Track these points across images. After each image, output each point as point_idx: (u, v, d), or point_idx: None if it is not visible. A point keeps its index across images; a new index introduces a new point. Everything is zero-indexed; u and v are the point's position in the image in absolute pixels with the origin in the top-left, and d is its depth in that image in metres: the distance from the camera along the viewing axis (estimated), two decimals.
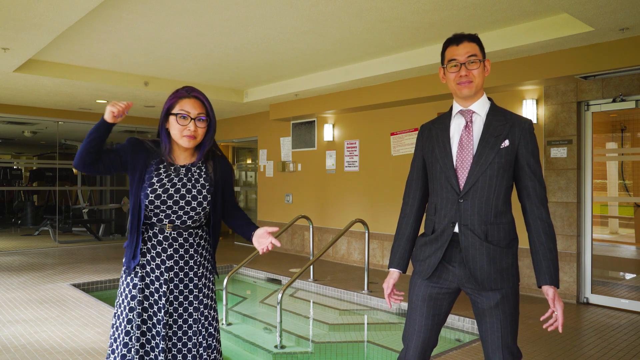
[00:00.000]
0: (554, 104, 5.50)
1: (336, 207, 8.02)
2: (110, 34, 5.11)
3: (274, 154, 9.32)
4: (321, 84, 6.86)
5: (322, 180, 8.28)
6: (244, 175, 11.53)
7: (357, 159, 7.71)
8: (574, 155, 5.34)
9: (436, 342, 2.13)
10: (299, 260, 8.05)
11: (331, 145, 8.13)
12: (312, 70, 6.72)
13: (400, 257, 2.20)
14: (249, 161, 11.68)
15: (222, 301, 5.14)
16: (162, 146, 2.04)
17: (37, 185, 14.08)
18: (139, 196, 2.00)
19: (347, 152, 7.86)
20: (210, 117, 2.03)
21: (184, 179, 2.03)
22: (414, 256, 2.16)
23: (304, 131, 8.61)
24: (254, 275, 7.13)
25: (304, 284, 6.30)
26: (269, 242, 1.99)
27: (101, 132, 1.92)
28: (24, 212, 13.15)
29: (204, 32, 5.05)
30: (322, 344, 4.50)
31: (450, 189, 2.02)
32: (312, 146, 8.46)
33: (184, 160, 2.07)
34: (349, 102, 7.24)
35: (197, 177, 2.05)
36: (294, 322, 5.11)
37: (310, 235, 6.74)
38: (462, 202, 1.99)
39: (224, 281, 5.22)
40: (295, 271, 6.92)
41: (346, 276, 6.68)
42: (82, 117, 9.72)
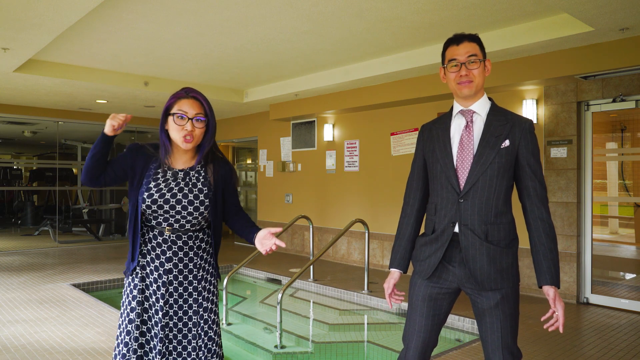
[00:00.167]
0: (554, 104, 5.50)
1: (336, 207, 8.02)
2: (110, 34, 5.11)
3: (274, 154, 9.32)
4: (321, 84, 6.86)
5: (322, 180, 8.28)
6: (244, 175, 11.53)
7: (357, 159, 7.70)
8: (574, 155, 5.34)
9: (436, 342, 2.13)
10: (299, 260, 8.05)
11: (331, 145, 8.13)
12: (312, 70, 6.72)
13: (400, 257, 2.20)
14: (249, 161, 11.68)
15: (222, 301, 5.14)
16: (161, 149, 2.03)
17: (37, 185, 14.08)
18: (137, 200, 2.00)
19: (347, 152, 7.86)
20: (208, 117, 2.02)
21: (182, 184, 2.01)
22: (414, 256, 2.16)
23: (304, 131, 8.61)
24: (254, 275, 7.13)
25: (304, 284, 6.30)
26: (273, 243, 1.96)
27: (103, 146, 1.96)
28: (24, 212, 13.15)
29: (204, 32, 5.05)
30: (322, 344, 4.50)
31: (450, 189, 2.02)
32: (312, 146, 8.46)
33: (183, 163, 2.06)
34: (349, 102, 7.24)
35: (194, 182, 2.03)
36: (294, 322, 5.11)
37: (310, 235, 6.74)
38: (462, 202, 1.99)
39: (224, 281, 5.22)
40: (295, 271, 6.92)
41: (346, 276, 6.68)
42: (82, 117, 9.72)
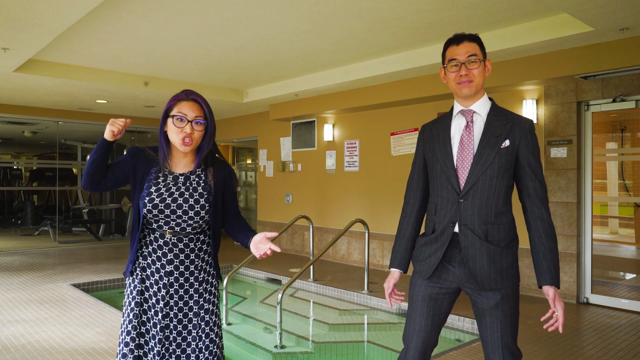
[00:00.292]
0: (554, 104, 5.50)
1: (336, 207, 8.02)
2: (110, 34, 5.11)
3: (274, 154, 9.31)
4: (321, 84, 6.86)
5: (322, 180, 8.28)
6: (244, 175, 11.54)
7: (357, 159, 7.70)
8: (574, 155, 5.34)
9: (436, 342, 2.13)
10: (299, 260, 8.05)
11: (331, 145, 8.13)
12: (312, 70, 6.72)
13: (401, 257, 2.20)
14: (249, 161, 11.68)
15: (222, 301, 5.14)
16: (160, 152, 2.03)
17: (37, 185, 14.08)
18: (138, 203, 2.01)
19: (347, 152, 7.86)
20: (208, 120, 2.01)
21: (182, 188, 2.01)
22: (414, 256, 2.16)
23: (304, 131, 8.61)
24: (254, 275, 7.13)
25: (304, 284, 6.30)
26: (268, 247, 1.94)
27: (103, 151, 1.96)
28: (24, 212, 13.15)
29: (204, 32, 5.05)
30: (322, 344, 4.50)
31: (450, 189, 2.02)
32: (312, 146, 8.46)
33: (183, 167, 2.06)
34: (349, 102, 7.24)
35: (195, 186, 2.03)
36: (294, 322, 5.11)
37: (310, 235, 6.74)
38: (462, 202, 1.99)
39: (224, 281, 5.22)
40: (295, 271, 6.92)
41: (346, 276, 6.68)
42: (82, 117, 9.72)
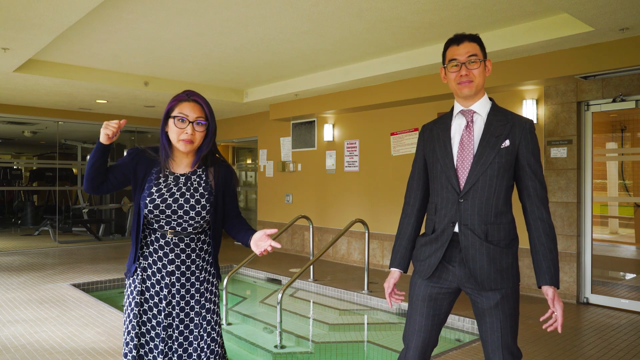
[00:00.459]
0: (554, 104, 5.50)
1: (336, 207, 8.02)
2: (110, 34, 5.11)
3: (274, 154, 9.32)
4: (321, 84, 6.86)
5: (322, 180, 8.28)
6: (244, 175, 11.53)
7: (357, 159, 7.70)
8: (574, 155, 5.34)
9: (436, 342, 2.13)
10: (299, 260, 8.05)
11: (331, 145, 8.13)
12: (312, 70, 6.72)
13: (401, 256, 2.20)
14: (249, 161, 11.68)
15: (222, 301, 5.14)
16: (162, 152, 2.03)
17: (37, 185, 14.08)
18: (139, 204, 2.01)
19: (347, 152, 7.86)
20: (209, 121, 2.01)
21: (183, 189, 2.02)
22: (415, 256, 2.16)
23: (304, 131, 8.61)
24: (254, 275, 7.13)
25: (304, 284, 6.30)
26: (268, 244, 1.96)
27: (101, 154, 1.95)
28: (24, 212, 13.15)
29: (204, 32, 5.05)
30: (322, 344, 4.50)
31: (450, 189, 2.02)
32: (312, 146, 8.46)
33: (184, 168, 2.06)
34: (349, 102, 7.24)
35: (196, 186, 2.04)
36: (294, 322, 5.11)
37: (310, 235, 6.74)
38: (462, 202, 1.99)
39: (224, 281, 5.22)
40: (295, 271, 6.92)
41: (346, 276, 6.68)
42: (82, 117, 9.72)
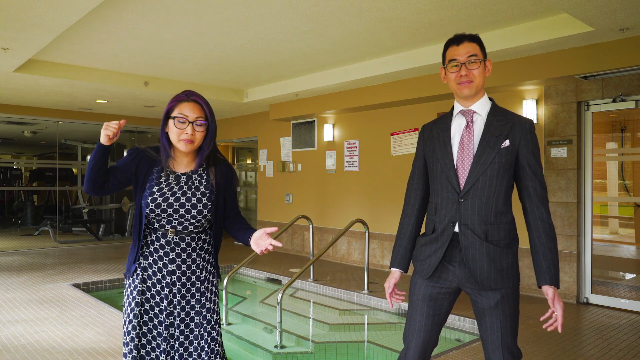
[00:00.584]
0: (554, 104, 5.51)
1: (336, 207, 8.02)
2: (110, 34, 5.11)
3: (274, 154, 9.32)
4: (321, 84, 6.86)
5: (322, 180, 8.28)
6: (244, 175, 11.53)
7: (357, 159, 7.71)
8: (574, 155, 5.34)
9: (436, 342, 2.13)
10: (299, 260, 8.05)
11: (331, 145, 8.13)
12: (312, 70, 6.72)
13: (401, 256, 2.20)
14: (249, 161, 11.68)
15: (222, 301, 5.14)
16: (162, 152, 2.04)
17: (37, 185, 14.08)
18: (141, 203, 2.02)
19: (347, 152, 7.86)
20: (209, 121, 2.02)
21: (184, 187, 2.03)
22: (415, 256, 2.16)
23: (304, 131, 8.61)
24: (254, 275, 7.13)
25: (304, 284, 6.30)
26: (269, 242, 1.96)
27: (101, 155, 1.95)
28: (24, 212, 13.15)
29: (204, 32, 5.05)
30: (322, 344, 4.50)
31: (450, 189, 2.02)
32: (312, 146, 8.46)
33: (185, 167, 2.07)
34: (349, 102, 7.24)
35: (197, 185, 2.05)
36: (294, 322, 5.11)
37: (310, 235, 6.74)
38: (462, 202, 1.99)
39: (224, 281, 5.22)
40: (295, 271, 6.92)
41: (346, 276, 6.68)
42: (82, 117, 9.72)
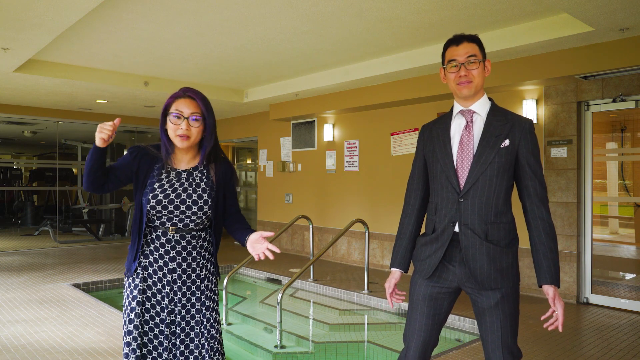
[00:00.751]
0: (554, 104, 5.51)
1: (336, 207, 8.02)
2: (110, 34, 5.11)
3: (274, 154, 9.32)
4: (321, 84, 6.86)
5: (322, 180, 8.28)
6: (244, 175, 11.54)
7: (357, 159, 7.71)
8: (574, 155, 5.34)
9: (437, 342, 2.13)
10: (299, 260, 8.06)
11: (331, 145, 8.13)
12: (312, 70, 6.72)
13: (401, 256, 2.20)
14: (249, 161, 11.68)
15: (222, 301, 5.14)
16: (163, 149, 2.06)
17: (37, 185, 14.08)
18: (141, 201, 2.02)
19: (347, 152, 7.86)
20: (205, 117, 2.02)
21: (185, 184, 2.04)
22: (415, 256, 2.17)
23: (304, 131, 8.61)
24: (254, 275, 7.14)
25: (304, 284, 6.30)
26: (265, 247, 1.95)
27: (98, 156, 1.94)
28: (24, 212, 13.15)
29: (204, 32, 5.05)
30: (322, 344, 4.50)
31: (450, 189, 2.02)
32: (312, 146, 8.46)
33: (186, 164, 2.08)
34: (349, 102, 7.25)
35: (198, 182, 2.06)
36: (294, 322, 5.12)
37: (310, 235, 6.74)
38: (462, 202, 1.99)
39: (224, 281, 5.23)
40: (295, 271, 6.92)
41: (346, 276, 6.68)
42: (82, 117, 9.72)
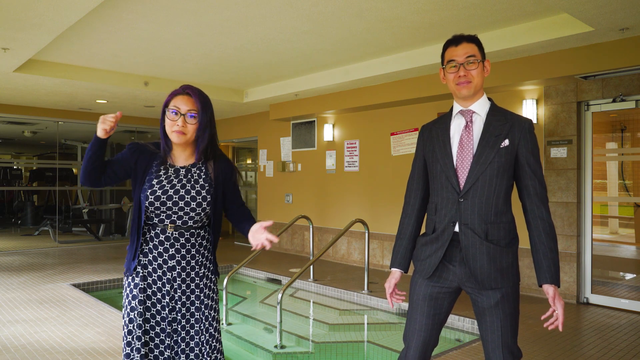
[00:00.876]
0: (554, 104, 5.51)
1: (336, 207, 8.02)
2: (110, 34, 5.11)
3: (274, 154, 9.32)
4: (321, 84, 6.86)
5: (322, 180, 8.28)
6: (244, 175, 11.54)
7: (357, 159, 7.71)
8: (574, 155, 5.34)
9: (437, 342, 2.14)
10: (299, 260, 8.05)
11: (331, 145, 8.13)
12: (312, 70, 6.72)
13: (401, 256, 2.20)
14: (249, 161, 11.68)
15: (222, 301, 5.14)
16: (162, 146, 2.07)
17: (37, 185, 14.07)
18: (140, 198, 2.02)
19: (347, 152, 7.86)
20: (199, 113, 2.02)
21: (184, 180, 2.05)
22: (415, 255, 2.17)
23: (304, 131, 8.61)
24: (254, 275, 7.13)
25: (304, 284, 6.30)
26: (264, 237, 1.96)
27: (97, 148, 1.96)
28: (24, 212, 13.15)
29: (204, 32, 5.05)
30: (322, 344, 4.50)
31: (450, 189, 2.03)
32: (312, 146, 8.46)
33: (184, 161, 2.09)
34: (349, 102, 7.25)
35: (196, 178, 2.06)
36: (294, 322, 5.12)
37: (310, 235, 6.74)
38: (462, 202, 1.99)
39: (224, 281, 5.22)
40: (295, 271, 6.92)
41: (346, 276, 6.68)
42: (82, 117, 9.72)
